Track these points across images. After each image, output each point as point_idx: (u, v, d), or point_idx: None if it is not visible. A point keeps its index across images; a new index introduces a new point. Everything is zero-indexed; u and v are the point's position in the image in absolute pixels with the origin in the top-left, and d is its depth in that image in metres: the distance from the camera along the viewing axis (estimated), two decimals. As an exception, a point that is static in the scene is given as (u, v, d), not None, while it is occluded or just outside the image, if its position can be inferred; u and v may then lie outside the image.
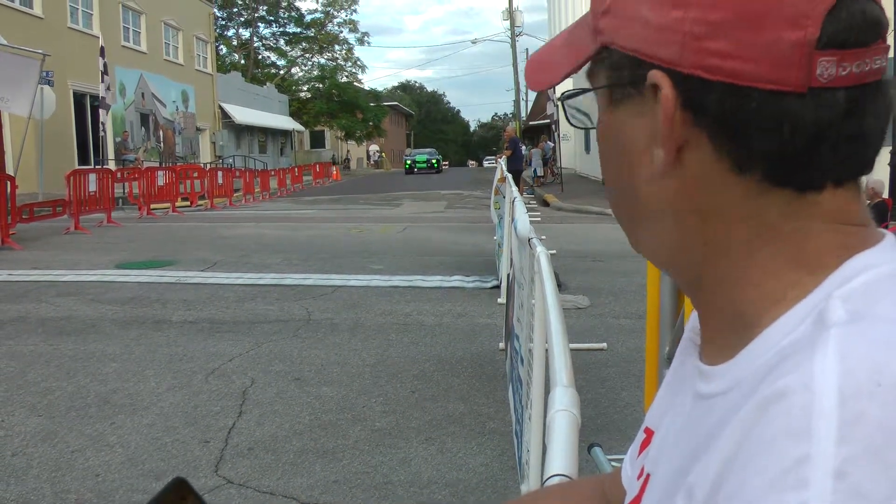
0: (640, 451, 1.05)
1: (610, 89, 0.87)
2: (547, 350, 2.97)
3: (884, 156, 19.00)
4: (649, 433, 1.04)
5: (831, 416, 0.64)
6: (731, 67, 0.76)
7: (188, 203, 29.04)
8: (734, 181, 0.80)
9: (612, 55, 0.85)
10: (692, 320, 1.02)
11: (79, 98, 36.17)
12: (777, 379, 0.69)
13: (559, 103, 1.01)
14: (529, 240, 4.81)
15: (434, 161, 71.17)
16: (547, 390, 2.46)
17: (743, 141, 0.78)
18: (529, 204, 23.86)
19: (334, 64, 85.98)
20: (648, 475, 0.95)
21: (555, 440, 1.94)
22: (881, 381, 0.65)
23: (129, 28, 43.37)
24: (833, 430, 0.63)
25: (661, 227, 0.87)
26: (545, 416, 2.18)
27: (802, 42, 0.75)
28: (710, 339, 0.89)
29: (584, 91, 0.94)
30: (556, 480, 1.72)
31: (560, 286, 10.76)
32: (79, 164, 32.48)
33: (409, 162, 71.66)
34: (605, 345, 8.26)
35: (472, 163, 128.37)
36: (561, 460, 1.82)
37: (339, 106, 78.20)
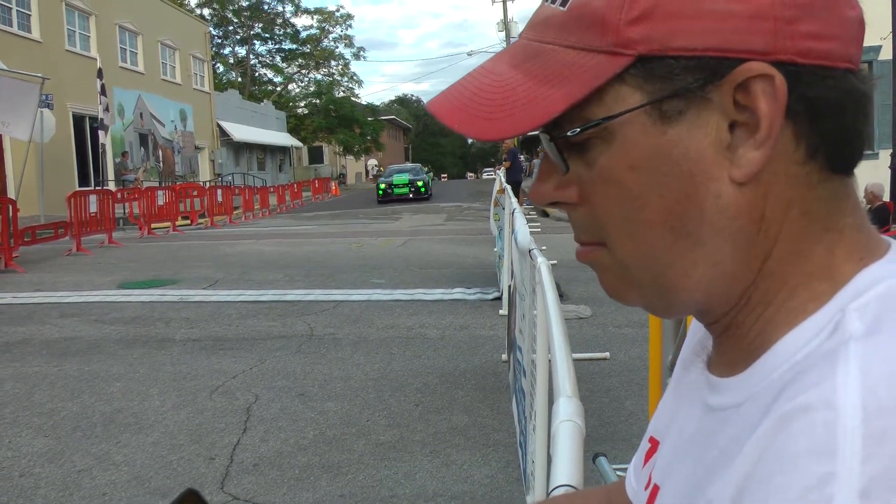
0: (646, 461, 1.04)
1: (658, 105, 0.77)
2: (550, 360, 2.97)
3: (884, 159, 18.99)
4: (654, 443, 1.02)
5: (856, 434, 0.62)
6: (822, 49, 0.75)
7: (188, 222, 29.03)
8: (800, 172, 0.78)
9: (657, 65, 0.76)
10: (695, 328, 1.00)
11: (78, 120, 36.17)
12: (797, 394, 0.68)
13: (550, 143, 0.83)
14: (530, 251, 4.82)
15: (420, 183, 46.71)
16: (550, 401, 2.45)
17: (818, 125, 0.76)
18: (529, 215, 23.84)
19: (331, 79, 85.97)
20: (657, 486, 0.93)
21: (559, 451, 1.93)
22: None
23: (126, 49, 43.41)
24: (858, 447, 0.61)
25: (721, 250, 0.79)
26: (549, 427, 2.17)
27: (860, 19, 0.77)
28: (722, 351, 0.87)
29: (610, 118, 0.78)
30: (561, 491, 1.71)
31: (562, 296, 10.75)
32: (79, 186, 32.49)
33: (382, 186, 46.71)
34: (607, 354, 8.24)
35: (470, 175, 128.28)
36: (566, 471, 1.82)
37: (336, 121, 78.20)
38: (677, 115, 0.76)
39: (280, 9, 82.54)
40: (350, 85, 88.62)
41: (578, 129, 0.79)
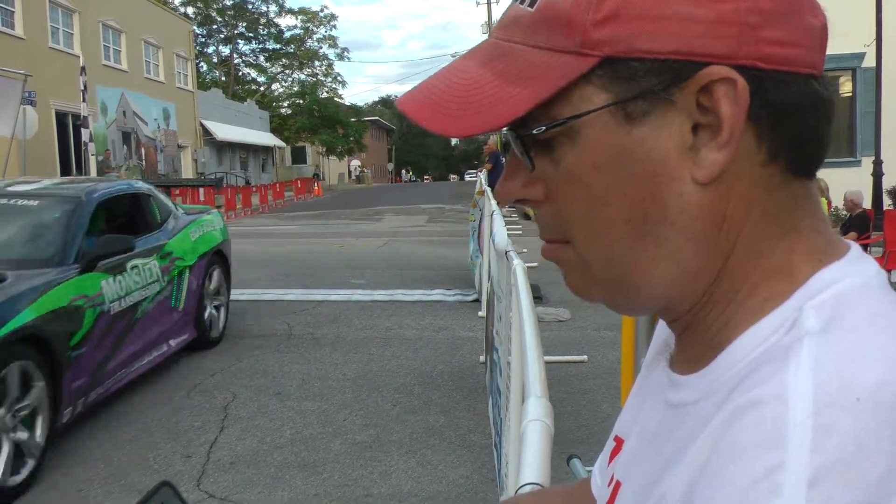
0: (610, 460, 1.04)
1: (623, 105, 0.77)
2: (522, 362, 2.98)
3: (866, 166, 19.07)
4: (619, 441, 1.02)
5: (805, 425, 0.63)
6: (784, 55, 0.75)
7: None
8: (762, 174, 0.78)
9: (623, 66, 0.76)
10: (660, 327, 1.01)
11: (60, 117, 36.05)
12: (749, 389, 0.69)
13: (517, 141, 0.84)
14: (506, 252, 4.83)
15: None
16: (523, 402, 2.46)
17: (779, 129, 0.77)
18: (510, 217, 23.87)
19: (314, 80, 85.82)
20: (619, 483, 0.94)
21: (527, 450, 1.94)
22: (856, 394, 0.64)
23: (109, 47, 43.23)
24: (808, 438, 0.63)
25: (683, 249, 0.80)
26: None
27: (824, 27, 0.79)
28: (683, 348, 0.88)
29: (576, 118, 0.79)
30: (528, 489, 1.72)
31: (541, 299, 10.77)
32: (60, 183, 32.31)
33: None
34: (585, 357, 8.27)
35: (453, 177, 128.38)
36: (533, 469, 1.82)
37: (319, 121, 78.01)
38: (642, 115, 0.77)
39: (264, 8, 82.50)
40: (334, 86, 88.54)
41: (544, 128, 0.79)
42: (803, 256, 0.79)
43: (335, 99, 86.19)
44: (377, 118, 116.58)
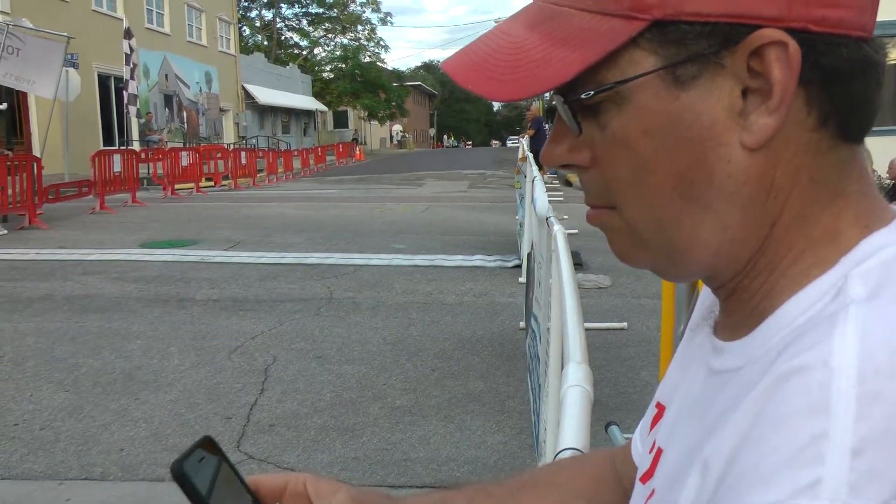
0: (652, 427, 1.04)
1: (672, 70, 0.76)
2: (562, 328, 2.98)
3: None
4: (660, 408, 1.02)
5: (850, 394, 0.63)
6: (836, 17, 0.74)
7: (212, 183, 29.10)
8: (811, 139, 0.78)
9: (672, 30, 0.75)
10: (704, 294, 1.01)
11: (103, 80, 36.25)
12: (794, 356, 0.69)
13: (564, 105, 0.83)
14: (547, 218, 4.82)
15: None
16: (563, 368, 2.46)
17: (830, 93, 0.76)
18: (552, 184, 23.81)
19: (357, 44, 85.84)
20: (660, 450, 0.94)
21: (567, 415, 1.95)
22: None
23: (152, 10, 43.41)
24: (852, 407, 0.62)
25: (730, 214, 0.79)
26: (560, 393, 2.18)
27: None
28: (728, 315, 0.88)
29: (624, 82, 0.78)
30: (567, 454, 1.72)
31: (581, 266, 10.78)
32: (104, 146, 32.55)
33: None
34: (625, 324, 8.25)
35: (495, 142, 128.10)
36: (572, 434, 1.83)
37: (362, 86, 78.07)
38: (691, 80, 0.76)
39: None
40: (376, 50, 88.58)
41: (592, 92, 0.79)
42: (850, 222, 0.79)
43: (377, 63, 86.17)
44: (419, 83, 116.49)
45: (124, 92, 27.88)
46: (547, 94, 0.84)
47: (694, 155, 0.78)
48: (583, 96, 0.80)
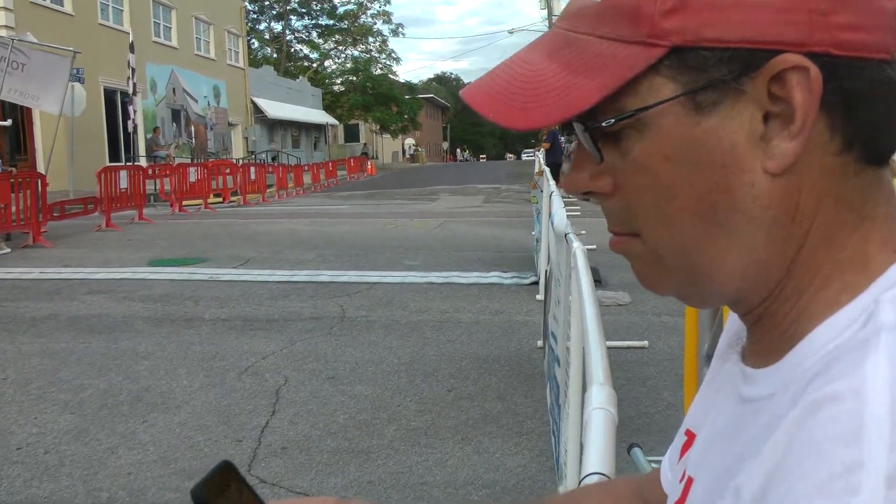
0: (681, 455, 1.05)
1: (692, 96, 0.77)
2: (584, 348, 2.97)
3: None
4: (690, 436, 1.03)
5: (883, 422, 0.63)
6: (858, 40, 0.75)
7: (220, 199, 29.17)
8: (835, 163, 0.78)
9: (692, 56, 0.77)
10: (731, 319, 1.01)
11: (109, 94, 36.44)
12: (826, 384, 0.69)
13: (585, 133, 0.84)
14: (566, 235, 4.81)
15: None
16: (584, 389, 2.45)
17: (852, 116, 0.77)
18: (568, 198, 23.81)
19: (368, 56, 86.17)
20: (691, 479, 0.94)
21: (591, 439, 1.94)
22: None
23: (159, 23, 43.68)
24: (886, 435, 0.62)
25: (755, 239, 0.80)
26: (582, 415, 2.18)
27: (894, 9, 0.78)
28: (756, 341, 0.88)
29: (645, 109, 0.79)
30: (593, 479, 1.72)
31: (600, 282, 10.75)
32: (109, 161, 32.69)
33: None
34: (646, 343, 8.24)
35: (510, 156, 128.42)
36: (598, 459, 1.82)
37: (373, 99, 78.31)
38: (711, 105, 0.77)
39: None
40: (388, 62, 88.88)
41: (613, 120, 0.80)
42: (878, 247, 0.79)
43: (389, 76, 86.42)
44: (432, 95, 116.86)
45: (129, 107, 27.98)
46: None
47: (716, 180, 0.79)
48: (603, 124, 0.81)
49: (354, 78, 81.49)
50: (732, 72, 0.76)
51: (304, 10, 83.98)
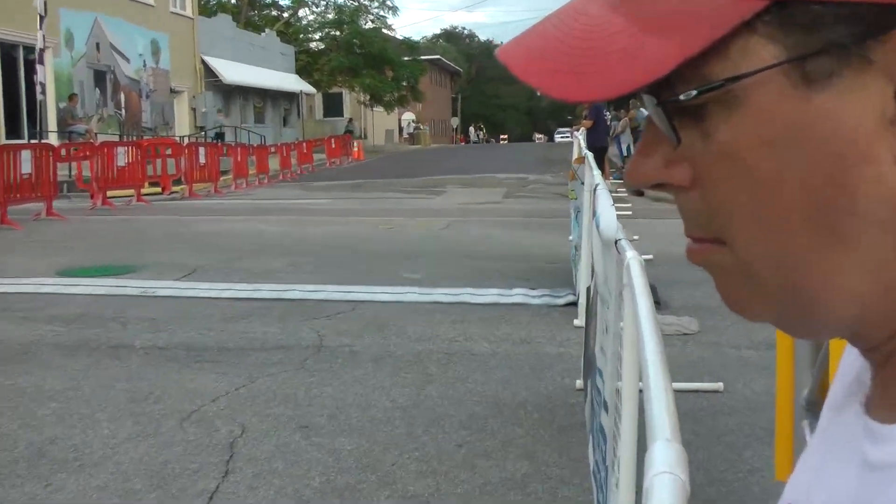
0: (783, 541, 1.02)
1: (800, 63, 0.75)
2: (641, 391, 2.95)
3: None
4: None
5: None
6: None
7: (159, 190, 29.32)
8: None
9: (800, 10, 0.74)
10: (848, 359, 0.99)
11: (8, 50, 36.52)
12: None
13: (657, 108, 0.82)
14: (616, 242, 4.79)
15: None
16: (640, 446, 2.43)
17: None
18: (617, 193, 23.92)
19: (356, 5, 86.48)
20: None
21: (654, 514, 1.91)
22: None
23: (80, -45, 43.84)
24: None
25: (883, 251, 0.77)
26: (638, 482, 2.15)
27: None
28: (886, 387, 0.86)
29: (737, 79, 0.76)
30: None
31: (659, 304, 10.76)
32: (7, 138, 32.77)
33: None
34: (720, 385, 8.25)
35: (539, 136, 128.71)
36: (663, 543, 1.80)
37: (362, 60, 78.63)
38: (826, 77, 0.74)
39: None
40: (381, 13, 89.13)
41: (695, 92, 0.77)
42: None
43: (383, 30, 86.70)
44: (438, 56, 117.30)
45: (36, 67, 28.05)
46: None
47: (830, 174, 0.76)
48: (682, 97, 0.79)
49: (338, 33, 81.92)
50: (855, 33, 0.72)
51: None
